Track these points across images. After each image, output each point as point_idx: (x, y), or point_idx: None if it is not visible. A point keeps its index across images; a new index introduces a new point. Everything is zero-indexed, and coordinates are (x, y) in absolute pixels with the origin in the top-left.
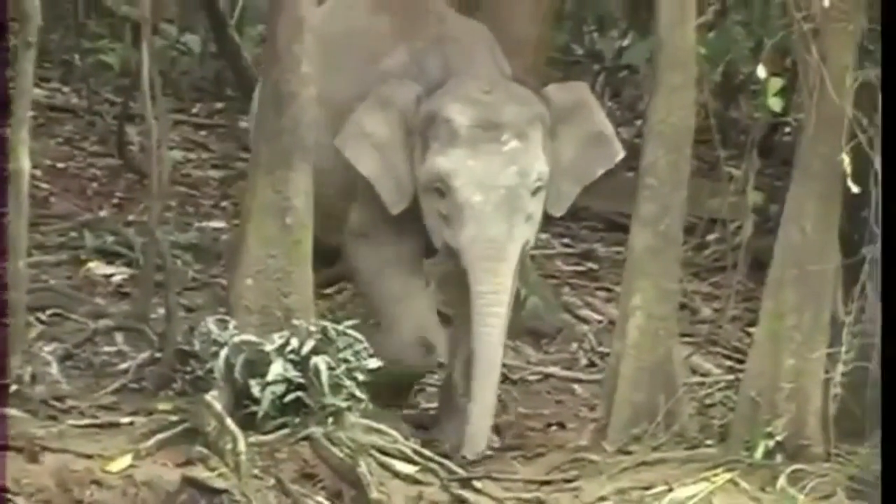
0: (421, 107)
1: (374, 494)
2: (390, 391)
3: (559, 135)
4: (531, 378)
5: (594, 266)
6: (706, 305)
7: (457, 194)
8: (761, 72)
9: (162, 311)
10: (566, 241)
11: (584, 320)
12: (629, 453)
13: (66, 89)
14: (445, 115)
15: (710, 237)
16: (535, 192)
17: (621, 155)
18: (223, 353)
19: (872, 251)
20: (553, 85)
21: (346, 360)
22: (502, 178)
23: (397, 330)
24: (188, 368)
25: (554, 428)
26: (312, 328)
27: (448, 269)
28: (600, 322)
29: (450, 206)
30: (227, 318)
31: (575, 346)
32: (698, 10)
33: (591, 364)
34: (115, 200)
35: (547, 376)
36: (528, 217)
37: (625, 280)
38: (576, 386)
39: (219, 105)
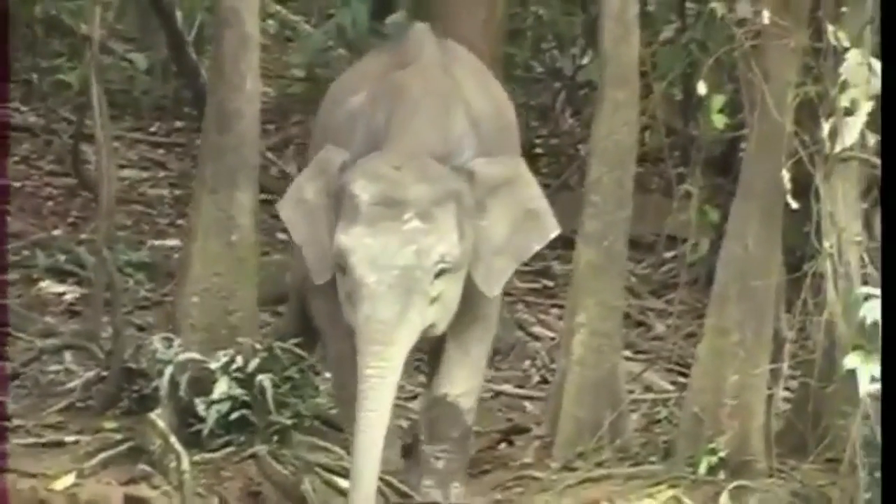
0: (341, 177)
1: None
2: None
3: (490, 210)
4: (483, 395)
5: (549, 283)
6: (661, 322)
7: (353, 272)
8: (702, 88)
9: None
10: None
11: (537, 337)
12: (574, 469)
13: (24, 108)
14: (351, 190)
15: (668, 255)
16: (439, 274)
17: (555, 232)
18: (168, 371)
19: (814, 267)
20: (483, 159)
21: (291, 378)
22: (398, 258)
23: (338, 389)
24: (135, 387)
25: (502, 445)
26: (258, 346)
27: None
28: (553, 339)
29: (349, 284)
30: (172, 336)
31: (527, 363)
32: (658, 26)
33: (543, 381)
34: (71, 219)
35: (498, 393)
36: (434, 300)
37: (569, 297)
38: (527, 403)
39: (178, 123)
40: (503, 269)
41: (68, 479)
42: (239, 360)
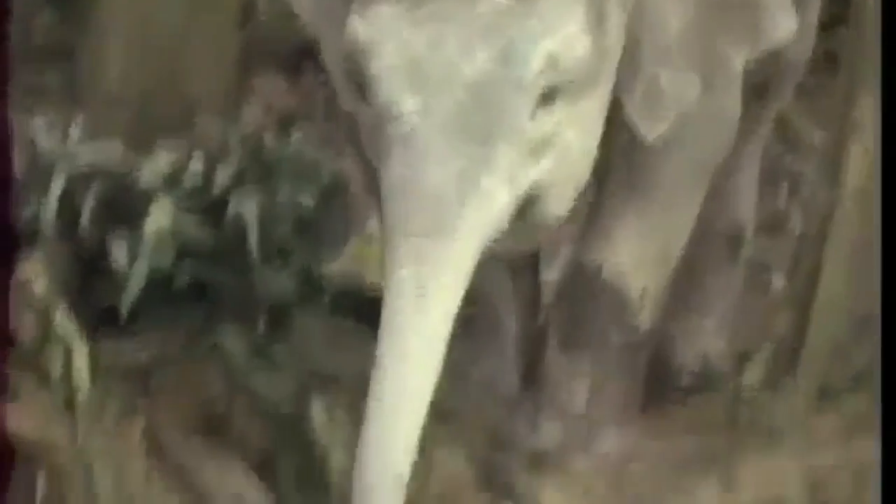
0: None
1: None
2: None
3: None
4: None
5: None
6: None
7: (377, 93)
8: None
9: None
10: None
11: None
12: None
13: None
14: None
15: None
16: (548, 97)
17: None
18: (58, 183)
19: None
20: None
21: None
22: (464, 65)
23: None
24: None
25: None
26: (233, 139)
27: None
28: None
29: (372, 114)
30: (70, 115)
31: None
32: None
33: None
34: None
35: None
36: (538, 147)
37: None
38: None
39: None
40: (674, 91)
41: None
42: (196, 166)
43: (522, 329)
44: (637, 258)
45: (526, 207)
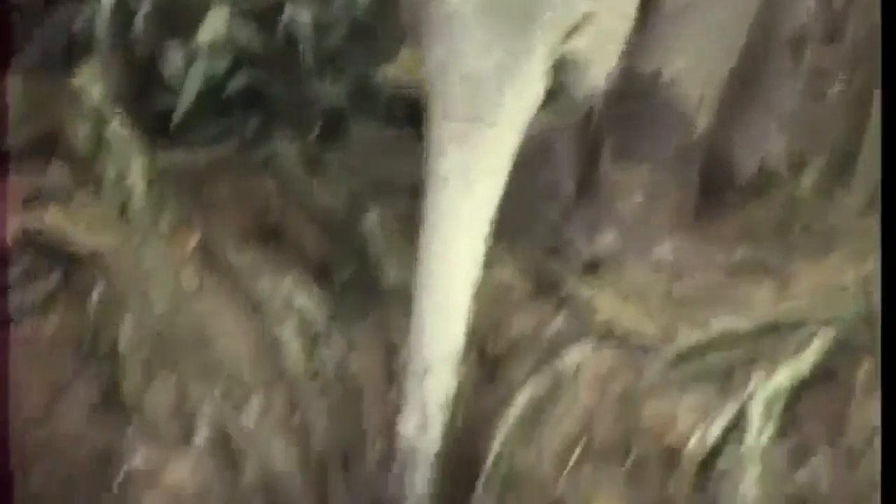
0: None
1: None
2: None
3: None
4: None
5: None
6: None
7: None
8: None
9: None
10: None
11: None
12: None
13: None
14: None
15: None
16: None
17: None
18: None
19: None
20: None
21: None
22: None
23: None
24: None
25: None
26: None
27: None
28: None
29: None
30: None
31: None
32: None
33: None
34: None
35: None
36: (573, 29)
37: None
38: None
39: None
40: None
41: None
42: None
43: (577, 138)
44: (694, 64)
45: (563, 83)
